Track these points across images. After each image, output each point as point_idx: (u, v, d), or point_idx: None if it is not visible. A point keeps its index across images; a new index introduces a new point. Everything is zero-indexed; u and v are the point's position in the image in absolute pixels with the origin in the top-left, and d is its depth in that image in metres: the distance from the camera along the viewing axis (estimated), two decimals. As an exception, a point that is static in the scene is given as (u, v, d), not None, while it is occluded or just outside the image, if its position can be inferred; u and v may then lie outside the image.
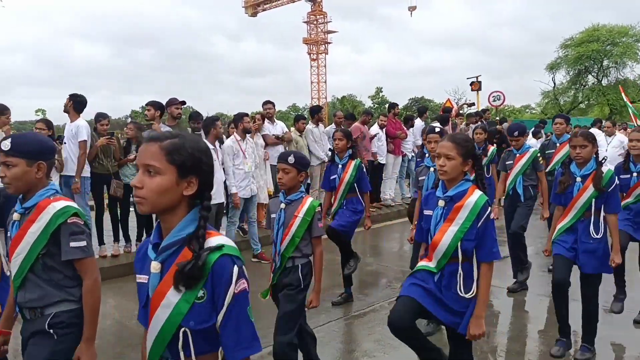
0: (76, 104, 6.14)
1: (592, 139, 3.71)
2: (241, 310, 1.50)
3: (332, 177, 5.14)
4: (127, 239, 6.67)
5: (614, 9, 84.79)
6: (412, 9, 60.30)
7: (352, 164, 5.04)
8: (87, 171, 6.17)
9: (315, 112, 9.10)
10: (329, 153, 5.68)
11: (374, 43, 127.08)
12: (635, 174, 4.49)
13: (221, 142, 6.72)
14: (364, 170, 5.14)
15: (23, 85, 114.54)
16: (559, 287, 3.77)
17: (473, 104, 15.89)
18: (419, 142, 9.67)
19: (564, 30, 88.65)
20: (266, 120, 7.95)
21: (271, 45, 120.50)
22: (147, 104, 6.77)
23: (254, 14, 69.88)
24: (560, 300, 3.81)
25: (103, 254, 6.38)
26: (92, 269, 2.26)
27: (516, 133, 5.46)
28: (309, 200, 3.28)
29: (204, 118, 6.70)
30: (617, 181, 3.72)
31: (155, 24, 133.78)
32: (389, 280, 5.93)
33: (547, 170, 6.01)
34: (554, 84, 37.84)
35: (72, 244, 2.20)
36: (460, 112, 13.86)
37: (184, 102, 7.06)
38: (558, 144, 6.27)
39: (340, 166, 5.08)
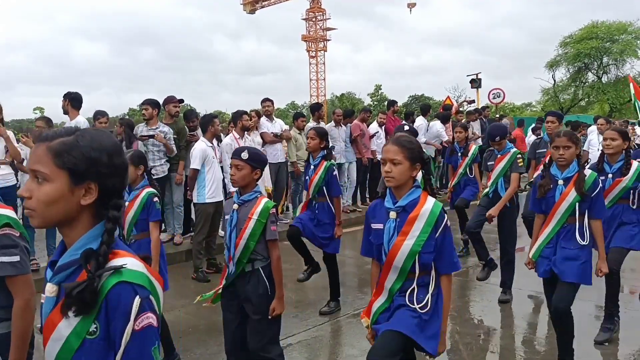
0: (73, 101, 6.13)
1: (576, 140, 3.47)
2: (143, 351, 1.22)
3: (305, 178, 4.94)
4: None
5: (613, 9, 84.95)
6: (411, 5, 60.12)
7: (323, 165, 4.67)
8: None
9: (315, 110, 9.06)
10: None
11: (372, 41, 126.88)
12: (610, 176, 4.13)
13: (219, 140, 6.68)
14: (335, 173, 4.74)
15: (24, 83, 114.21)
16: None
17: (473, 102, 15.82)
18: (422, 140, 9.66)
19: (563, 30, 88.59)
20: (265, 118, 7.91)
21: (270, 44, 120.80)
22: (143, 103, 6.71)
23: (252, 11, 69.75)
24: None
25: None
26: (24, 288, 2.01)
27: (497, 138, 5.20)
28: (263, 201, 3.04)
29: (202, 116, 6.65)
30: (600, 184, 3.48)
31: (156, 23, 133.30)
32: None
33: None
34: (554, 81, 37.83)
35: (2, 259, 1.97)
36: (461, 109, 13.81)
37: (181, 100, 7.02)
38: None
39: (312, 167, 4.77)
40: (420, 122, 10.17)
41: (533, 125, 12.19)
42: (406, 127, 4.39)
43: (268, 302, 3.00)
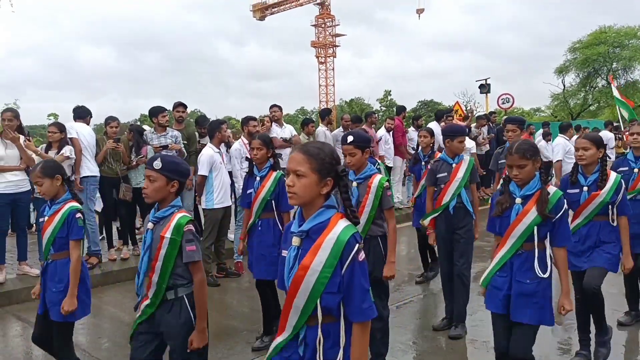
0: (75, 114, 6.43)
1: (531, 155, 2.90)
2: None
3: (248, 191, 4.33)
4: (135, 241, 6.71)
5: (614, 12, 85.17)
6: (420, 11, 60.40)
7: (272, 176, 4.20)
8: (93, 171, 6.19)
9: (325, 115, 9.13)
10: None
11: (375, 47, 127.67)
12: (586, 189, 3.63)
13: (227, 146, 6.75)
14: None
15: (33, 88, 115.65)
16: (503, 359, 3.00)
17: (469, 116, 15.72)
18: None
19: (565, 34, 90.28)
20: (274, 124, 7.97)
21: (278, 49, 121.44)
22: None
23: (262, 18, 70.30)
24: None
25: (112, 257, 6.42)
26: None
27: (350, 138, 4.31)
28: (177, 217, 2.62)
29: (210, 122, 6.73)
30: (566, 205, 2.93)
31: (162, 28, 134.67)
32: (397, 283, 5.89)
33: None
34: (564, 86, 37.68)
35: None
36: (469, 114, 13.81)
37: (185, 106, 7.11)
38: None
39: (258, 178, 4.27)
40: (433, 127, 10.19)
41: (541, 130, 12.15)
42: (350, 138, 3.57)
43: (190, 335, 2.62)
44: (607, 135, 11.82)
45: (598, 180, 3.61)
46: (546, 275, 2.88)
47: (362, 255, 1.95)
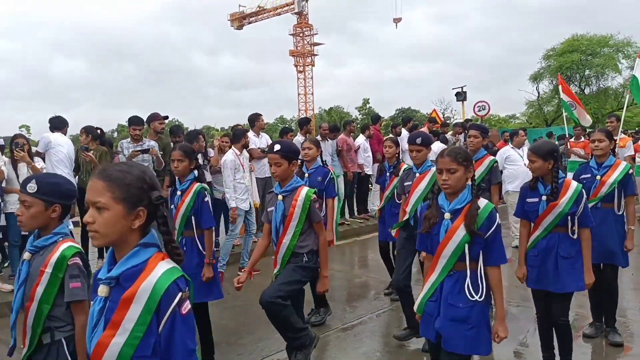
0: (52, 125, 6.37)
1: (464, 160, 2.64)
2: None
3: (171, 206, 4.02)
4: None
5: (584, 22, 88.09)
6: (397, 20, 61.33)
7: (193, 188, 3.86)
8: None
9: (304, 124, 9.12)
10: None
11: (355, 56, 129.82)
12: (544, 198, 3.44)
13: (205, 157, 6.71)
14: (207, 199, 3.89)
15: (8, 99, 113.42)
16: None
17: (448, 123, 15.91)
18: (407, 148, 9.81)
19: (536, 43, 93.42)
20: (252, 133, 7.97)
21: (256, 59, 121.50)
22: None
23: (240, 27, 70.31)
24: None
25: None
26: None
27: (419, 140, 4.28)
28: (62, 247, 2.23)
29: (187, 132, 6.68)
30: (498, 220, 2.65)
31: (136, 39, 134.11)
32: (377, 292, 5.88)
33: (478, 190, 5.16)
34: (538, 93, 38.40)
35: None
36: (447, 122, 13.96)
37: (166, 117, 7.05)
38: (473, 162, 5.20)
39: (179, 193, 3.93)
40: (404, 134, 10.26)
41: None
42: (276, 147, 3.45)
43: None
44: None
45: (550, 193, 3.44)
46: (479, 298, 2.60)
47: (186, 307, 1.55)
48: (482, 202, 2.68)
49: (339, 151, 9.17)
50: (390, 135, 7.63)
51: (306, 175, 4.90)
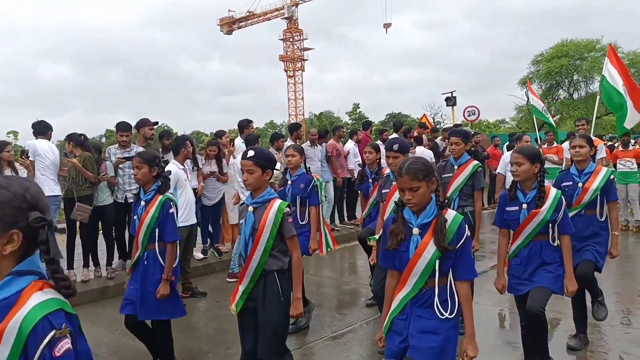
0: (35, 131, 6.20)
1: (424, 176, 2.47)
2: None
3: (134, 217, 3.86)
4: (97, 263, 6.50)
5: (571, 28, 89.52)
6: (387, 25, 61.73)
7: (158, 199, 3.70)
8: (54, 190, 5.98)
9: (294, 130, 9.08)
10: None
11: (344, 61, 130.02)
12: (525, 206, 3.39)
13: (194, 163, 6.64)
14: (172, 210, 3.73)
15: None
16: None
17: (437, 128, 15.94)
18: None
19: (524, 48, 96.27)
20: (241, 140, 7.93)
21: (246, 64, 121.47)
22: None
23: (230, 32, 70.35)
24: None
25: (71, 279, 6.17)
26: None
27: (396, 146, 4.23)
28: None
29: (174, 138, 6.61)
30: (467, 232, 2.54)
31: (123, 44, 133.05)
32: (367, 298, 5.84)
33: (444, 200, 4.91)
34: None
35: None
36: (437, 127, 13.98)
37: (156, 123, 6.98)
38: (456, 167, 4.78)
39: (143, 203, 3.76)
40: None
41: (507, 143, 12.35)
42: (250, 153, 3.21)
43: None
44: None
45: (536, 198, 3.36)
46: (450, 316, 2.48)
47: (61, 348, 1.26)
48: (450, 214, 2.55)
49: (329, 157, 9.14)
50: (372, 142, 7.58)
51: (289, 182, 4.80)
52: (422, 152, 9.57)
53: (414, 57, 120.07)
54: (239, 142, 7.69)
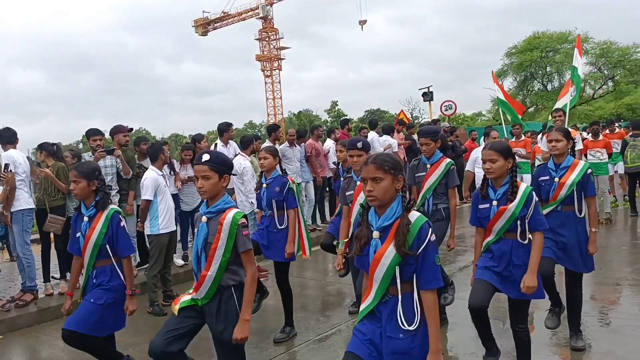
0: (4, 140, 5.90)
1: (390, 168, 2.34)
2: None
3: (77, 236, 3.56)
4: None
5: (540, 22, 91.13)
6: (362, 22, 61.92)
7: (105, 213, 3.45)
8: (29, 202, 5.80)
9: (272, 131, 9.02)
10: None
11: (319, 60, 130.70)
12: (495, 203, 3.31)
13: (171, 168, 6.55)
14: (123, 223, 3.52)
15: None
16: None
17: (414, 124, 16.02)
18: (380, 150, 9.84)
19: (494, 42, 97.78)
20: (220, 143, 7.86)
21: (222, 65, 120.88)
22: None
23: (205, 33, 69.80)
24: None
25: (49, 292, 6.04)
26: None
27: (359, 144, 4.19)
28: None
29: (151, 144, 6.51)
30: (430, 236, 2.33)
31: (95, 48, 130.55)
32: (352, 299, 5.81)
33: (416, 205, 4.58)
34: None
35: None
36: (413, 123, 14.05)
37: (131, 129, 6.87)
38: (429, 166, 4.69)
39: (86, 219, 3.48)
40: (371, 136, 10.25)
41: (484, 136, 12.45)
42: (205, 157, 2.96)
43: None
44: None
45: (508, 193, 3.27)
46: (414, 327, 2.32)
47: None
48: (413, 215, 2.36)
49: (308, 156, 9.11)
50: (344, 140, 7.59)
51: (264, 185, 4.69)
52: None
53: (390, 54, 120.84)
54: (220, 146, 7.61)
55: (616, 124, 11.91)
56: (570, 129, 7.82)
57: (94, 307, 3.41)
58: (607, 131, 10.75)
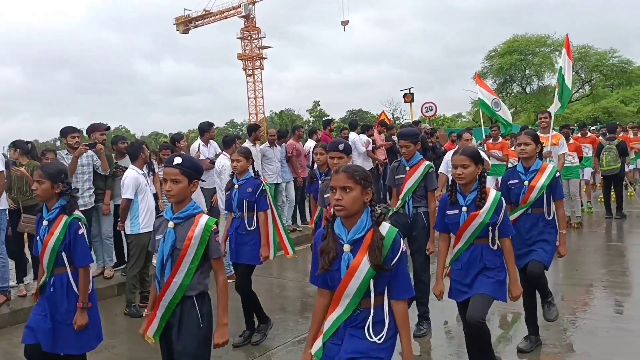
0: None
1: (361, 178, 2.31)
2: None
3: (36, 239, 3.42)
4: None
5: (518, 24, 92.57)
6: (344, 23, 62.15)
7: (63, 219, 3.25)
8: (2, 204, 5.67)
9: (252, 131, 8.97)
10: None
11: (301, 60, 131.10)
12: (465, 209, 3.26)
13: (150, 168, 6.48)
14: (82, 231, 3.29)
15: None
16: None
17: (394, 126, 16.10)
18: (362, 150, 10.12)
19: (473, 44, 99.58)
20: (201, 144, 7.80)
21: (202, 63, 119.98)
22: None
23: (186, 31, 69.20)
24: None
25: (22, 293, 5.92)
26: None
27: (341, 146, 4.28)
28: None
29: (130, 143, 6.43)
30: (404, 247, 2.34)
31: (72, 46, 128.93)
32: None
33: (396, 207, 4.63)
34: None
35: None
36: (393, 125, 14.13)
37: (108, 128, 6.77)
38: (408, 168, 4.63)
39: (45, 223, 3.29)
40: (352, 137, 10.28)
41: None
42: (177, 160, 2.90)
43: None
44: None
45: (477, 199, 3.23)
46: (380, 340, 2.29)
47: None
48: (384, 227, 2.33)
49: (289, 157, 9.09)
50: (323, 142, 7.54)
51: (236, 186, 4.62)
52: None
53: (371, 54, 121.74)
54: (199, 144, 7.55)
55: (591, 128, 12.10)
56: (555, 133, 7.91)
57: (69, 328, 3.24)
58: (579, 135, 10.90)
